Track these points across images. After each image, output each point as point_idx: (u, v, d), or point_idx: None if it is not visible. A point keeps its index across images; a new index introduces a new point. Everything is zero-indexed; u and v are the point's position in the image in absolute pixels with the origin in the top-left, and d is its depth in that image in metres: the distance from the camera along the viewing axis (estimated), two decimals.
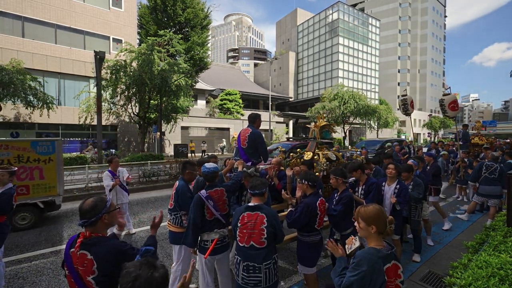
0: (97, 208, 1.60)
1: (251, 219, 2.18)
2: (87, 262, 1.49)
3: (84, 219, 1.57)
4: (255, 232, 2.15)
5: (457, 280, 2.52)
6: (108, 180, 4.71)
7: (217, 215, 2.60)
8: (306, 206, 2.65)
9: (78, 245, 1.51)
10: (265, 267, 2.14)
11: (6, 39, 15.44)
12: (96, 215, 1.58)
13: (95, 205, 1.60)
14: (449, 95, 7.86)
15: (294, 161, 4.29)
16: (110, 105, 15.18)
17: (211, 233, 2.60)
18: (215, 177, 2.71)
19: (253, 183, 2.32)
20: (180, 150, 19.26)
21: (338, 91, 28.01)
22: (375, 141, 14.76)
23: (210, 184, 2.70)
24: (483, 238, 3.85)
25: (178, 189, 3.03)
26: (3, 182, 3.10)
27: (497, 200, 5.48)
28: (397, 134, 44.21)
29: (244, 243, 2.17)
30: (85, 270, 1.48)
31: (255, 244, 2.14)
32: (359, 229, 1.72)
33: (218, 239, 2.60)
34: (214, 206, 2.60)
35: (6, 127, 15.79)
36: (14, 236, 4.85)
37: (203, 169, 2.68)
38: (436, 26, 65.90)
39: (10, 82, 11.37)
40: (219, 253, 2.63)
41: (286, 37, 55.16)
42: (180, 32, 20.41)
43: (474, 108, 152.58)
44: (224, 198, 2.71)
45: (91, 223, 1.57)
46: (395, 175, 3.67)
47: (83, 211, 1.59)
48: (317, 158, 4.05)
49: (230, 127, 29.26)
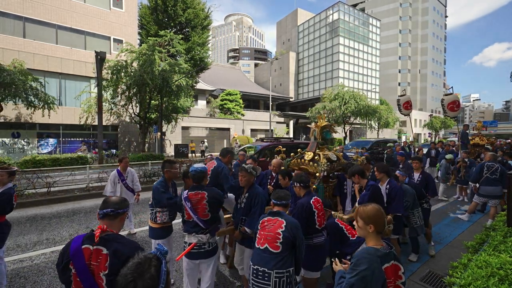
0: (125, 203, 1.69)
1: (270, 222, 2.21)
2: (102, 257, 1.47)
3: (112, 208, 1.60)
4: (271, 234, 2.14)
5: (457, 280, 2.52)
6: (111, 184, 4.73)
7: (194, 218, 2.52)
8: (301, 206, 2.66)
9: (97, 239, 1.49)
10: (275, 276, 2.05)
11: (7, 40, 15.48)
12: (123, 208, 1.65)
13: (124, 200, 1.72)
14: (450, 95, 7.86)
15: (294, 161, 4.29)
16: (111, 105, 15.20)
17: (191, 236, 2.56)
18: (202, 178, 2.60)
19: (278, 194, 2.35)
20: (181, 150, 19.28)
21: (338, 91, 27.97)
22: (365, 141, 14.80)
23: (195, 186, 2.61)
24: (483, 238, 3.85)
25: (153, 186, 3.19)
26: (3, 182, 3.11)
27: (497, 201, 5.48)
28: (398, 134, 44.16)
29: (260, 245, 2.16)
30: (99, 266, 1.46)
31: (269, 247, 2.11)
32: (358, 228, 1.70)
33: (196, 244, 2.53)
34: (191, 208, 2.52)
35: (8, 127, 15.85)
36: (15, 236, 4.87)
37: (191, 169, 2.64)
38: (437, 26, 65.80)
39: (12, 82, 11.38)
40: (199, 258, 2.56)
41: (287, 37, 55.17)
42: (180, 33, 20.44)
43: (475, 108, 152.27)
44: (204, 203, 2.54)
45: (116, 214, 1.61)
46: (384, 175, 3.73)
47: (112, 201, 1.64)
48: (318, 158, 4.05)
49: (230, 127, 29.29)
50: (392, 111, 33.63)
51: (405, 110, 8.33)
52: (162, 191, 3.08)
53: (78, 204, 7.32)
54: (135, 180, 5.10)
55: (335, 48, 44.77)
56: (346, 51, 45.25)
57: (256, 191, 2.92)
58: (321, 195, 3.88)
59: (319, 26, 47.66)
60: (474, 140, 10.42)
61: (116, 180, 4.93)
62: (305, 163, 4.10)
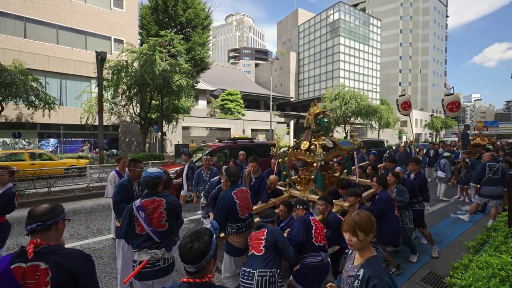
0: (55, 212, 1.47)
1: (256, 234, 2.54)
2: (40, 273, 1.31)
3: (38, 222, 1.39)
4: (256, 242, 2.46)
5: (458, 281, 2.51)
6: (111, 185, 4.64)
7: (148, 230, 2.18)
8: (302, 220, 2.82)
9: (31, 255, 1.32)
10: (258, 275, 2.26)
11: (8, 40, 15.51)
12: (53, 219, 1.43)
13: (54, 208, 1.48)
14: (451, 95, 7.82)
15: (291, 151, 4.27)
16: (112, 105, 15.23)
17: (141, 253, 2.19)
18: (158, 185, 2.32)
19: (265, 213, 2.73)
20: (181, 150, 19.25)
21: (339, 91, 27.96)
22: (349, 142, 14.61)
23: (149, 193, 2.31)
24: (484, 238, 3.83)
25: (117, 184, 3.18)
26: (3, 182, 3.11)
27: (498, 201, 5.46)
28: (398, 134, 44.10)
29: (249, 252, 2.50)
30: (38, 282, 1.30)
31: (254, 252, 2.41)
32: (357, 243, 1.50)
33: (148, 261, 2.17)
34: (145, 218, 2.18)
35: (9, 127, 15.88)
36: (16, 236, 4.88)
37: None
38: (438, 26, 65.67)
39: (12, 82, 11.40)
40: (152, 278, 2.20)
41: (287, 37, 55.16)
42: (181, 33, 20.43)
43: (476, 108, 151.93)
44: (161, 211, 2.24)
45: (46, 227, 1.41)
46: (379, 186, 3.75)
47: (37, 213, 1.41)
48: (314, 148, 4.02)
49: (231, 127, 29.30)
50: (393, 111, 33.59)
51: (403, 111, 8.30)
52: (117, 191, 3.11)
53: (79, 204, 7.33)
54: None
55: (335, 48, 44.73)
56: (346, 51, 45.21)
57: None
58: (320, 184, 3.85)
59: (320, 26, 47.63)
60: (475, 140, 10.39)
61: (117, 181, 4.88)
62: (301, 153, 4.08)
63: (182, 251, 1.27)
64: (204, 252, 1.26)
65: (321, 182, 3.87)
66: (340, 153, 4.08)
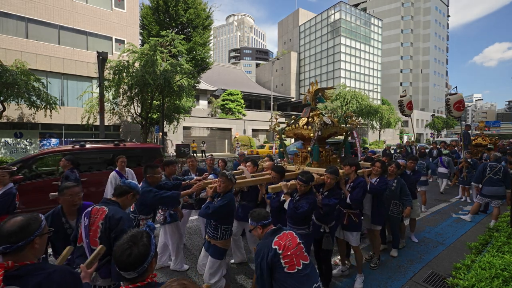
0: (28, 229, 1.22)
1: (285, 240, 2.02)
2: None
3: (5, 244, 1.16)
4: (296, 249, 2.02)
5: (460, 281, 2.50)
6: (111, 185, 4.61)
7: (85, 244, 1.89)
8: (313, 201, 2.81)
9: (1, 282, 1.09)
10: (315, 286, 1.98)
11: (10, 40, 15.57)
12: (26, 238, 1.20)
13: (26, 224, 1.22)
14: (455, 94, 7.76)
15: (289, 128, 4.29)
16: (113, 105, 15.28)
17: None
18: (123, 194, 2.16)
19: (261, 215, 2.09)
20: (182, 150, 19.30)
21: (340, 91, 27.96)
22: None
23: (106, 200, 2.14)
24: (487, 239, 3.82)
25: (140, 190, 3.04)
26: (4, 182, 3.12)
27: (500, 201, 5.44)
28: (399, 134, 44.02)
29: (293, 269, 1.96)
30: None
31: (303, 261, 2.01)
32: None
33: None
34: (86, 228, 1.91)
35: (10, 127, 15.94)
36: None
37: (123, 182, 2.26)
38: (439, 25, 65.51)
39: (14, 83, 11.44)
40: None
41: (288, 37, 55.15)
42: (182, 33, 20.47)
43: (477, 108, 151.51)
44: (98, 225, 1.89)
45: (18, 249, 1.18)
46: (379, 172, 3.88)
47: (5, 233, 1.17)
48: (312, 120, 4.03)
49: (232, 127, 29.32)
50: (394, 111, 33.53)
51: (409, 111, 8.26)
52: (149, 189, 2.99)
53: None
54: (134, 180, 5.04)
55: (336, 48, 44.69)
56: (347, 51, 45.16)
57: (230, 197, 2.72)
58: (316, 156, 3.84)
59: (321, 26, 47.60)
60: (476, 140, 10.34)
61: (117, 181, 4.82)
62: (299, 128, 4.09)
63: (119, 260, 1.16)
64: (145, 255, 1.20)
65: (317, 154, 3.84)
66: (337, 130, 4.10)
